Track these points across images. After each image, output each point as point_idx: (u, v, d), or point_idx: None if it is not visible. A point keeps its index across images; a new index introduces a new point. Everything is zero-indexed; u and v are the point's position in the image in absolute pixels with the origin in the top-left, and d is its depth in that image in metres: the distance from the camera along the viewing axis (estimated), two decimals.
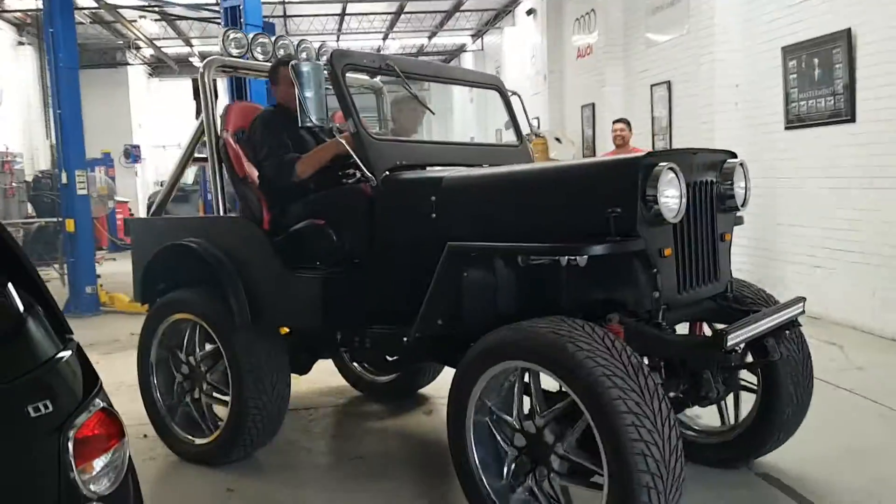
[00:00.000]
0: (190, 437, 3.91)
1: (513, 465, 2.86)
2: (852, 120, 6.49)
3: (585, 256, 2.71)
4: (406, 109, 4.60)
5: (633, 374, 2.51)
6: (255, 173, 3.85)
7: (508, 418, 2.89)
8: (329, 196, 3.65)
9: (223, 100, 6.51)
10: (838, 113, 6.64)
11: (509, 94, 4.29)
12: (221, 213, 3.88)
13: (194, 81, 16.50)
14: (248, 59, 4.10)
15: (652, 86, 10.12)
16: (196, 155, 4.30)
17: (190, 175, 15.92)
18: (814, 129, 6.97)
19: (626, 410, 2.44)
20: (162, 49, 20.34)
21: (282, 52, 4.26)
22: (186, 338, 3.97)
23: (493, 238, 3.01)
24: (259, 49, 4.15)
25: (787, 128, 7.38)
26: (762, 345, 3.10)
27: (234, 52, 4.06)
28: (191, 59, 20.35)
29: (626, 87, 11.00)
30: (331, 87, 3.39)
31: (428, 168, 3.50)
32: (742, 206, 3.29)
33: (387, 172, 3.34)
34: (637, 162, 2.76)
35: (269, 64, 4.07)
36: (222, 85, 7.71)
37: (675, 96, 9.59)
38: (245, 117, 4.04)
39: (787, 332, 3.18)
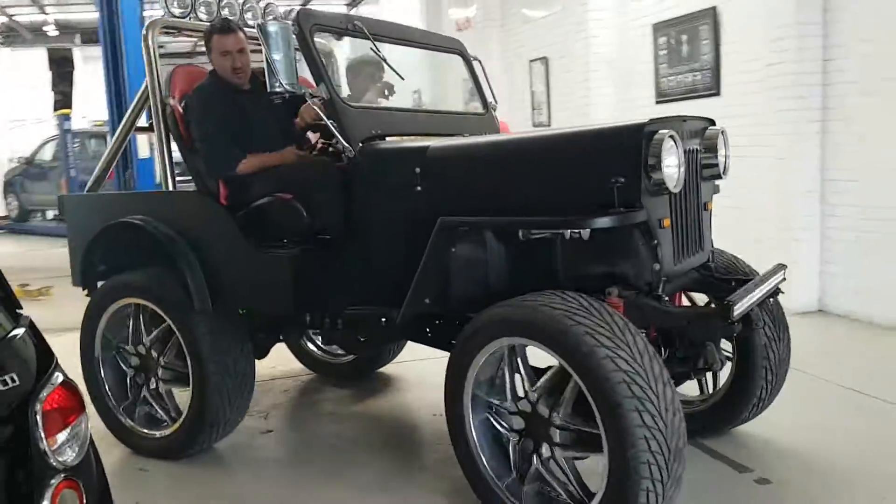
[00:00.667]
0: (150, 431, 3.62)
1: (517, 452, 2.74)
2: (718, 94, 6.76)
3: (588, 230, 2.61)
4: (363, 75, 4.37)
5: (621, 334, 2.44)
6: None
7: (504, 403, 2.77)
8: (298, 168, 3.39)
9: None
10: (706, 87, 6.91)
11: (472, 59, 4.10)
12: (171, 187, 3.57)
13: (50, 52, 15.60)
14: (192, 19, 3.76)
15: (530, 61, 10.04)
16: (138, 124, 3.93)
17: (48, 150, 15.08)
18: (682, 102, 7.11)
19: (615, 369, 2.36)
20: (13, 17, 18.54)
21: (226, 11, 3.94)
22: (131, 326, 3.68)
23: (484, 211, 2.86)
24: (203, 9, 3.81)
25: (657, 102, 7.58)
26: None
27: (177, 11, 3.71)
28: (45, 27, 18.77)
29: (504, 62, 10.78)
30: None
31: (403, 138, 3.29)
32: (724, 174, 3.23)
33: (361, 143, 3.12)
34: (640, 128, 2.64)
35: None
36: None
37: (552, 72, 9.56)
38: (192, 83, 3.71)
39: (770, 300, 3.16)
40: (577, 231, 2.62)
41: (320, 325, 3.42)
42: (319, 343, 4.71)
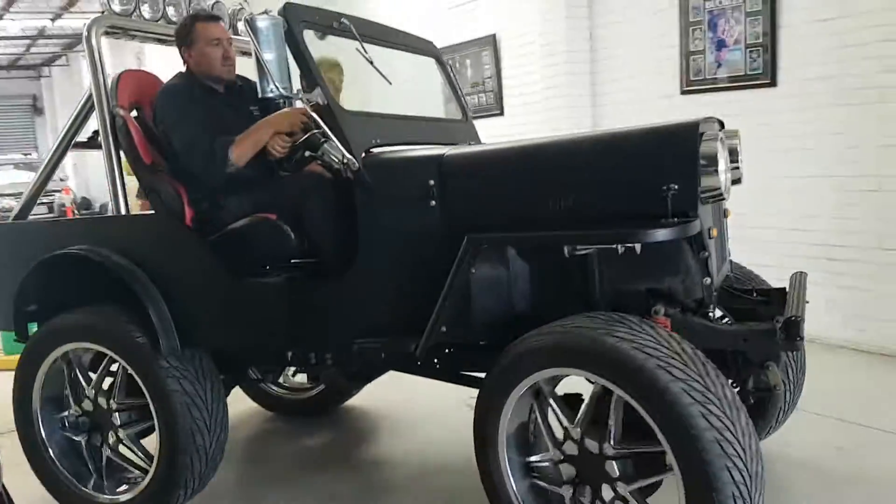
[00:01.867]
0: (111, 495, 3.10)
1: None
2: (502, 114, 7.35)
3: (639, 244, 2.33)
4: (327, 78, 3.99)
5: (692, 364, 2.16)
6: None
7: (545, 453, 2.45)
8: (283, 184, 2.97)
9: None
10: (491, 108, 7.45)
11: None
12: (122, 211, 3.06)
13: None
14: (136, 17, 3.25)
15: None
16: (77, 139, 3.37)
17: None
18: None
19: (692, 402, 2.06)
20: None
21: (171, 10, 3.45)
22: (68, 383, 3.17)
23: (509, 226, 2.54)
24: (147, 6, 3.32)
25: None
26: None
27: (118, 8, 3.21)
28: None
29: None
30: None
31: (403, 148, 2.91)
32: (739, 181, 3.03)
33: (363, 154, 2.73)
34: (695, 128, 2.37)
35: (170, 26, 3.28)
36: None
37: None
38: (141, 89, 3.22)
39: None
40: (631, 245, 2.34)
41: (303, 361, 3.01)
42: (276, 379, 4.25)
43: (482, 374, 2.94)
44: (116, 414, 3.08)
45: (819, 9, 4.92)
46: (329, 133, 2.61)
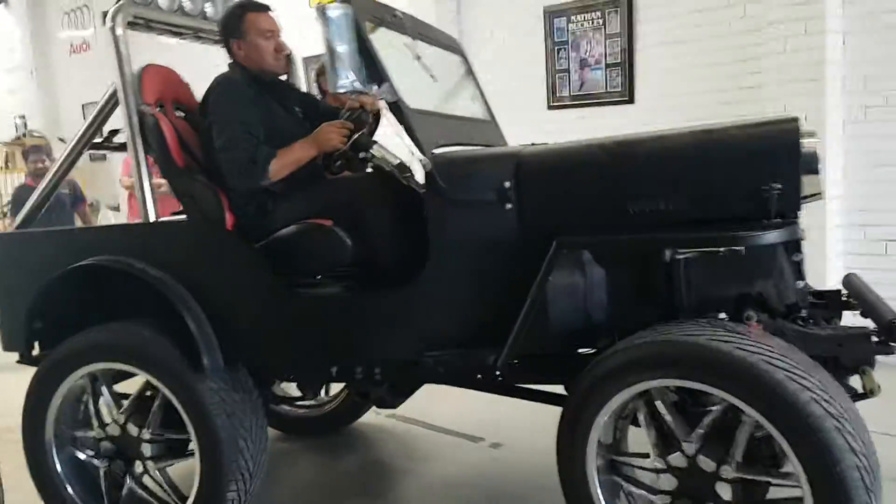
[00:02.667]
0: None
1: None
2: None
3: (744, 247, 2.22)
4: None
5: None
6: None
7: (643, 461, 2.32)
8: (337, 188, 2.76)
9: None
10: None
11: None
12: (151, 218, 2.79)
13: None
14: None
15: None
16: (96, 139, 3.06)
17: None
18: None
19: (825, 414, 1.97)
20: None
21: (188, 2, 3.19)
22: (89, 404, 2.92)
23: (593, 230, 2.41)
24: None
25: None
26: None
27: None
28: None
29: None
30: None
31: (460, 148, 2.74)
32: None
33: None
34: (797, 126, 2.27)
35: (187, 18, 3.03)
36: None
37: None
38: (165, 85, 2.97)
39: None
40: (738, 248, 2.23)
41: (348, 376, 2.82)
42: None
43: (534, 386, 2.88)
44: (148, 445, 2.82)
45: (671, 31, 5.33)
46: (401, 130, 2.42)
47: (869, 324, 2.44)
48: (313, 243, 2.69)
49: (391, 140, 2.53)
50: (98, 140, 3.07)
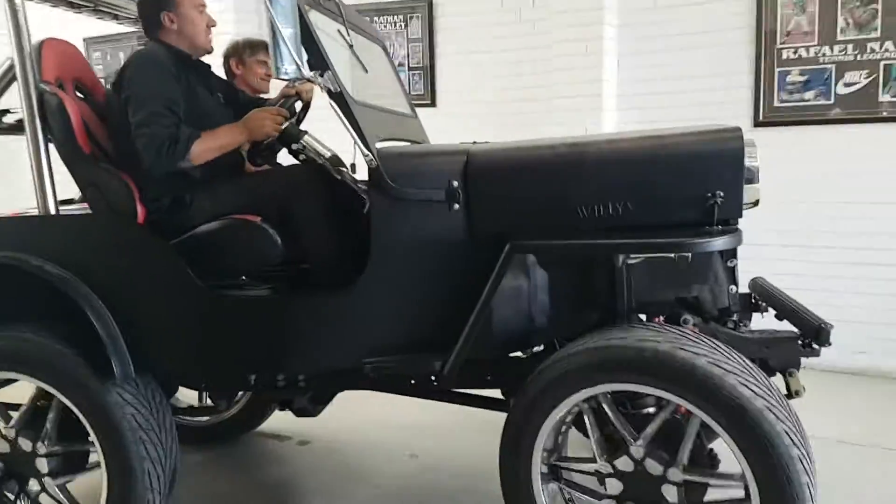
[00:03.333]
0: None
1: None
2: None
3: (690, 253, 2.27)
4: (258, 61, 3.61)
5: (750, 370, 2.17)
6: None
7: (590, 465, 2.30)
8: (267, 180, 2.57)
9: None
10: None
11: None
12: (51, 210, 2.50)
13: None
14: None
15: None
16: None
17: None
18: None
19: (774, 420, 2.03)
20: None
21: None
22: None
23: (540, 234, 2.37)
24: None
25: None
26: None
27: None
28: None
29: None
30: None
31: (393, 143, 2.63)
32: None
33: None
34: (740, 136, 2.33)
35: None
36: None
37: None
38: (65, 62, 2.67)
39: None
40: (685, 255, 2.26)
41: (269, 384, 2.65)
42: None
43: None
44: (44, 460, 2.52)
45: (471, 41, 5.59)
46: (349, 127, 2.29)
47: (785, 326, 2.56)
48: (239, 240, 2.49)
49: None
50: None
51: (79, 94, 2.75)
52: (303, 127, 2.71)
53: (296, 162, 2.69)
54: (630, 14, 4.96)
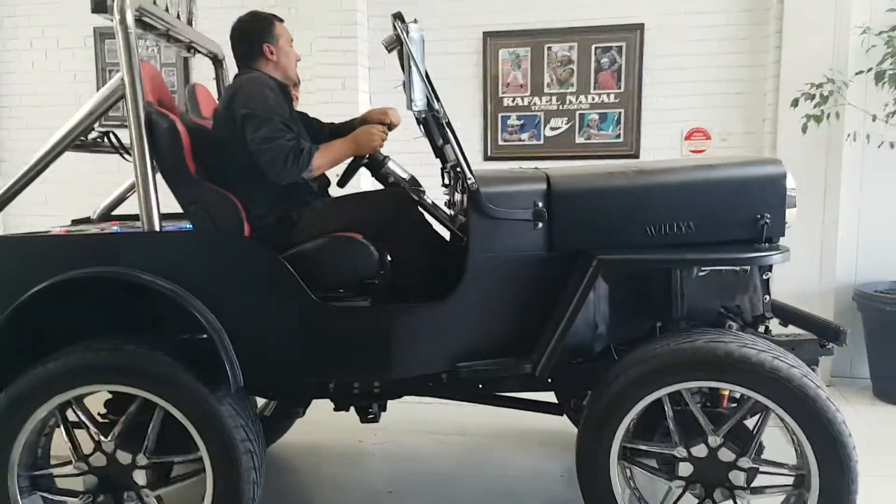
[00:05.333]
0: None
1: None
2: None
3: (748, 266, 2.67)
4: None
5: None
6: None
7: (668, 451, 2.62)
8: (370, 202, 2.76)
9: None
10: None
11: None
12: (156, 226, 2.58)
13: None
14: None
15: None
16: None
17: None
18: None
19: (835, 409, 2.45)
20: None
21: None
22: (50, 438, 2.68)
23: (618, 248, 2.69)
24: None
25: None
26: None
27: None
28: None
29: None
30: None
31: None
32: None
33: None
34: (782, 167, 2.74)
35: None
36: None
37: None
38: (155, 83, 2.79)
39: None
40: (744, 268, 2.64)
41: (345, 391, 2.87)
42: None
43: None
44: (142, 471, 2.59)
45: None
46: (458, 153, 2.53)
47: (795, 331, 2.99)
48: (345, 255, 2.68)
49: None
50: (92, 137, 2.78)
51: None
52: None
53: (380, 186, 2.89)
54: (379, 57, 5.20)
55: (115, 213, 3.64)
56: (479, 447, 3.93)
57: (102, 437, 2.59)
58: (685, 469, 2.61)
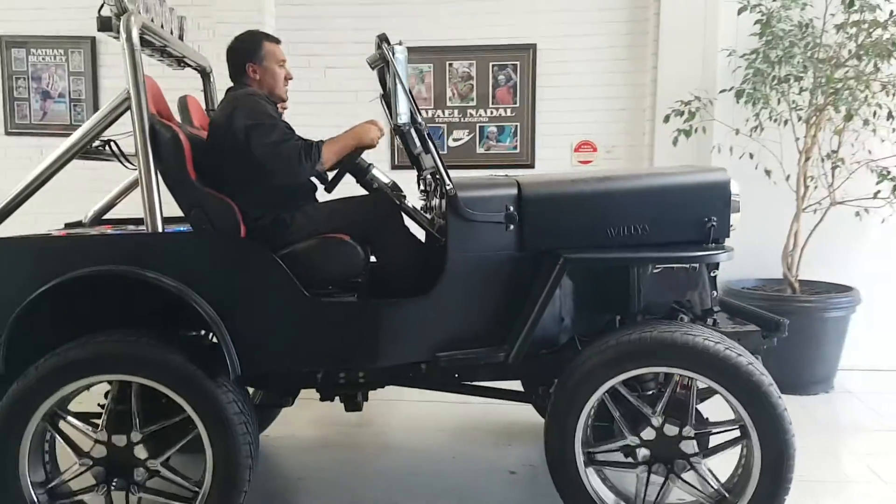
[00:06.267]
0: None
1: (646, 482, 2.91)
2: None
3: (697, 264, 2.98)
4: None
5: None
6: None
7: (623, 443, 2.91)
8: (356, 206, 3.02)
9: None
10: None
11: None
12: (159, 228, 2.79)
13: None
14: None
15: None
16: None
17: None
18: None
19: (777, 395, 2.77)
20: None
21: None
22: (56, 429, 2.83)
23: (581, 248, 2.96)
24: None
25: None
26: None
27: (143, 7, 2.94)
28: None
29: None
30: None
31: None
32: None
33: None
34: (728, 177, 3.06)
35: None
36: None
37: None
38: (156, 95, 2.99)
39: None
40: (693, 265, 2.95)
41: (331, 380, 3.12)
42: None
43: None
44: (140, 446, 2.80)
45: None
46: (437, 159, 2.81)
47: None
48: (335, 255, 2.93)
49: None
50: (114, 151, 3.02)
51: None
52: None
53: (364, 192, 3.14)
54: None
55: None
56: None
57: (93, 431, 2.80)
58: (643, 454, 2.90)
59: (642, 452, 2.90)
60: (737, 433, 2.85)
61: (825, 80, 4.78)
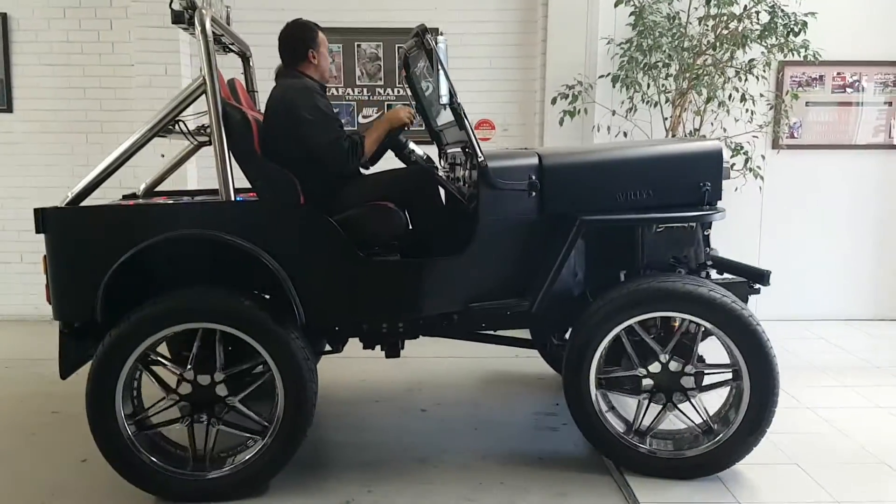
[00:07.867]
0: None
1: (645, 408, 3.43)
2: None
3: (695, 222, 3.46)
4: None
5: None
6: None
7: (632, 372, 3.40)
8: (398, 177, 3.49)
9: None
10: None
11: None
12: (231, 198, 3.20)
13: None
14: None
15: None
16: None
17: None
18: None
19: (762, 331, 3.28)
20: None
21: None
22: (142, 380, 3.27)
23: (595, 211, 3.42)
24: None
25: None
26: None
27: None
28: None
29: None
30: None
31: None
32: None
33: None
34: (721, 146, 3.52)
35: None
36: None
37: None
38: (247, 98, 3.44)
39: None
40: (691, 224, 3.43)
41: (374, 331, 3.56)
42: None
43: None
44: (223, 385, 3.23)
45: (48, 55, 6.34)
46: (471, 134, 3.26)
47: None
48: (381, 220, 3.37)
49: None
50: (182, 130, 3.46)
51: None
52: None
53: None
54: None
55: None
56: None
57: (182, 370, 3.23)
58: (647, 384, 3.40)
59: (647, 383, 3.39)
60: (729, 375, 3.36)
61: (688, 67, 5.44)
